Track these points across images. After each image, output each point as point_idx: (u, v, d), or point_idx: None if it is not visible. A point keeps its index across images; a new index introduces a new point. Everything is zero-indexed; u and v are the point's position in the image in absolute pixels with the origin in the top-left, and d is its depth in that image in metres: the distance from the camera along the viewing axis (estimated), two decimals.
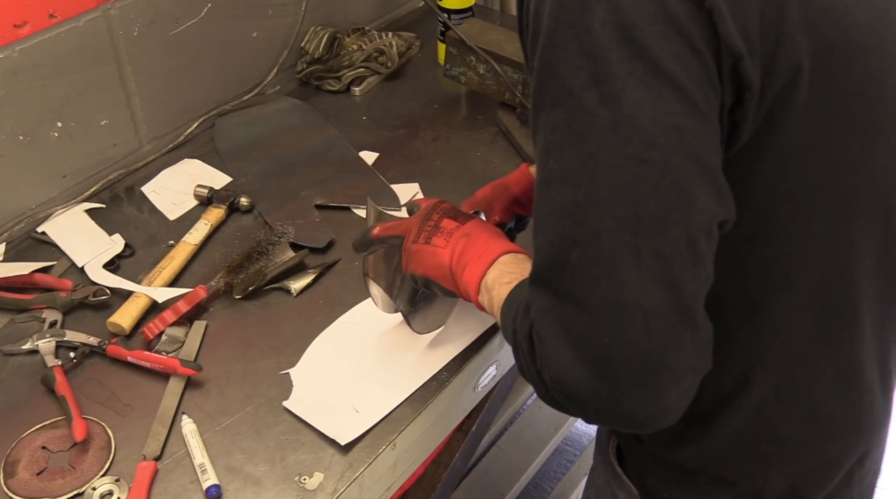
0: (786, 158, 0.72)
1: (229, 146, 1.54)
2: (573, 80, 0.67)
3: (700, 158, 0.66)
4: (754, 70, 0.67)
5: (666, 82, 0.65)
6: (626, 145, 0.65)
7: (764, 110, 0.69)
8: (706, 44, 0.66)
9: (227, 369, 1.13)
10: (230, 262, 1.26)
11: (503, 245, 0.91)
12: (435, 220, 0.95)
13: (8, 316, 1.21)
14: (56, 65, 1.29)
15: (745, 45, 0.66)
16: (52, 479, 1.00)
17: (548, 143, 0.70)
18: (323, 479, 0.99)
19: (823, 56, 0.70)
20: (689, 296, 0.66)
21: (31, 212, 1.36)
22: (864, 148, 0.75)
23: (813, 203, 0.75)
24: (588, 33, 0.66)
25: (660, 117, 0.65)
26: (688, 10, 0.65)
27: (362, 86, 1.69)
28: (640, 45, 0.65)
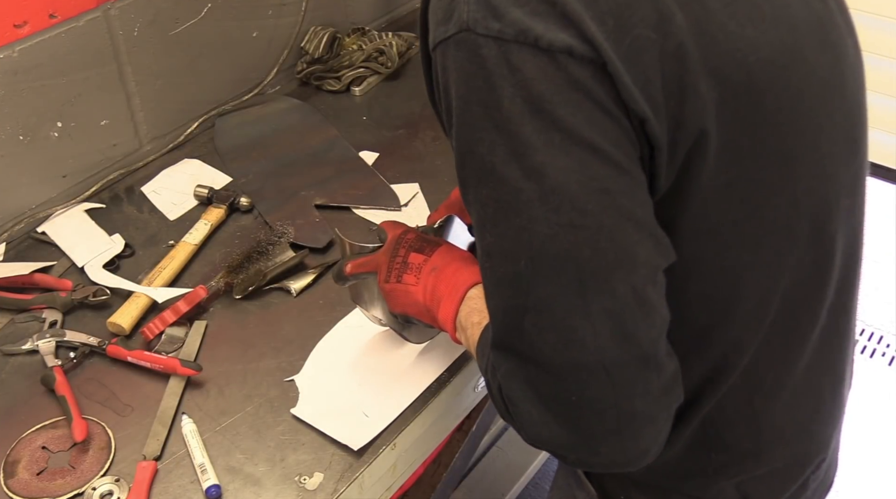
0: (705, 198, 0.73)
1: (229, 146, 1.54)
2: (493, 158, 0.67)
3: (632, 214, 0.67)
4: (661, 129, 0.68)
5: (585, 148, 0.66)
6: (558, 214, 0.66)
7: (677, 163, 0.70)
8: (615, 104, 0.66)
9: (227, 369, 1.13)
10: (230, 262, 1.26)
11: (470, 277, 0.90)
12: (402, 255, 0.95)
13: (8, 316, 1.21)
14: (56, 65, 1.29)
15: (648, 106, 0.67)
16: (52, 479, 1.00)
17: (481, 218, 0.71)
18: (323, 479, 0.99)
19: (730, 101, 0.70)
20: (646, 344, 0.67)
21: (31, 212, 1.36)
22: (782, 176, 0.76)
23: (738, 235, 0.76)
24: (499, 110, 0.66)
25: (585, 183, 0.66)
26: (592, 75, 0.65)
27: (362, 86, 1.69)
28: (552, 115, 0.65)
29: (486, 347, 0.80)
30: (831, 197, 0.81)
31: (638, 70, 0.66)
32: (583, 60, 0.65)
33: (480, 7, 0.66)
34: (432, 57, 0.73)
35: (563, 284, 0.66)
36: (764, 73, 0.73)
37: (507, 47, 0.65)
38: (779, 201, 0.77)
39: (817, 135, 0.78)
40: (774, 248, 0.78)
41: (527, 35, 0.65)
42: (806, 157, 0.77)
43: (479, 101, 0.67)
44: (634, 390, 0.67)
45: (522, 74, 0.65)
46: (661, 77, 0.67)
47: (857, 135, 0.84)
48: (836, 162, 0.81)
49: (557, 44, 0.65)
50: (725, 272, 0.77)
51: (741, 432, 0.85)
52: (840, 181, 0.82)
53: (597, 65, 0.65)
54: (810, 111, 0.77)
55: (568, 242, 0.66)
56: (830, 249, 0.83)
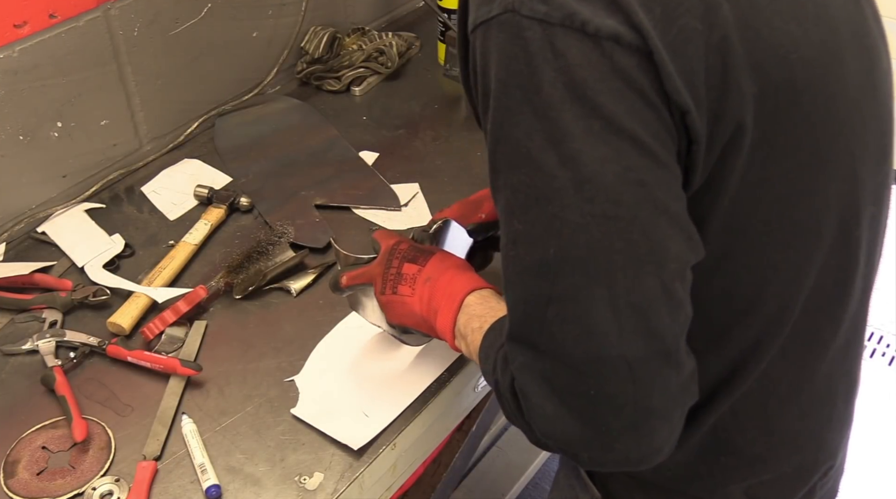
0: (738, 196, 0.72)
1: (229, 146, 1.54)
2: (529, 143, 0.66)
3: (666, 208, 0.66)
4: (701, 122, 0.67)
5: (624, 138, 0.65)
6: (591, 204, 0.65)
7: (713, 158, 0.69)
8: (658, 95, 0.65)
9: (227, 369, 1.13)
10: (230, 262, 1.26)
11: (466, 284, 0.89)
12: (396, 266, 0.94)
13: (8, 316, 1.21)
14: (56, 65, 1.29)
15: (691, 98, 0.66)
16: (52, 479, 1.00)
17: (510, 204, 0.69)
18: (323, 479, 0.99)
19: (769, 97, 0.70)
20: (670, 341, 0.67)
21: (31, 212, 1.36)
22: (815, 177, 0.76)
23: (767, 235, 0.75)
24: (538, 94, 0.65)
25: (622, 173, 0.65)
26: (637, 64, 0.64)
27: (362, 86, 1.69)
28: (593, 102, 0.64)
29: (493, 348, 0.79)
30: (860, 203, 0.80)
31: (683, 61, 0.65)
32: (629, 48, 0.64)
33: None
34: (470, 39, 0.71)
35: (592, 274, 0.65)
36: (804, 71, 0.72)
37: (553, 31, 0.64)
38: (810, 203, 0.76)
39: (850, 139, 0.77)
40: (802, 249, 0.77)
41: (573, 19, 0.64)
42: (838, 160, 0.77)
43: (518, 85, 0.66)
44: (654, 386, 0.67)
45: (566, 59, 0.64)
46: (705, 69, 0.66)
47: (885, 142, 0.83)
48: (865, 168, 0.80)
49: (605, 30, 0.64)
50: (751, 271, 0.76)
51: (753, 437, 0.84)
52: (868, 188, 0.81)
53: (643, 53, 0.64)
54: (845, 114, 0.76)
55: (600, 233, 0.65)
56: (855, 255, 0.82)
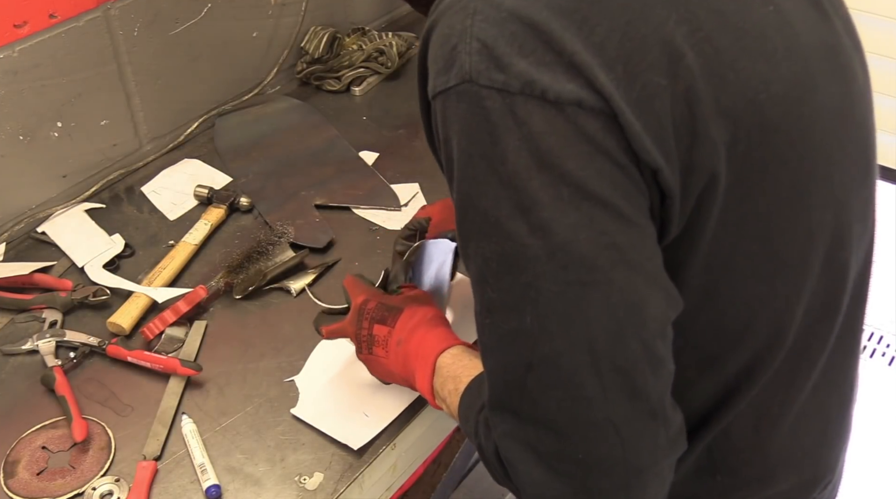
0: (717, 237, 0.71)
1: (229, 146, 1.54)
2: (497, 212, 0.65)
3: (642, 268, 0.65)
4: (673, 177, 0.66)
5: (594, 203, 0.63)
6: (566, 271, 0.64)
7: (689, 207, 0.68)
8: (626, 155, 0.64)
9: (227, 369, 1.13)
10: (230, 262, 1.26)
11: (436, 344, 0.88)
12: (367, 328, 0.94)
13: (8, 316, 1.21)
14: (56, 65, 1.29)
15: (661, 155, 0.65)
16: (52, 479, 1.00)
17: (482, 272, 0.68)
18: (323, 479, 0.99)
19: (741, 141, 0.69)
20: (654, 400, 0.66)
21: (31, 212, 1.36)
22: (795, 209, 0.75)
23: (752, 270, 0.74)
24: (504, 164, 0.64)
25: (594, 238, 0.64)
26: (602, 127, 0.63)
27: (362, 86, 1.69)
28: (560, 169, 0.63)
29: (471, 410, 0.79)
30: (844, 224, 0.79)
31: (649, 118, 0.64)
32: (592, 112, 0.63)
33: (483, 58, 0.64)
34: (431, 105, 0.70)
35: (572, 340, 0.64)
36: (776, 109, 0.71)
37: (513, 100, 0.63)
38: (792, 234, 0.75)
39: (829, 165, 0.76)
40: (790, 280, 0.77)
41: (533, 87, 0.63)
42: (819, 188, 0.76)
43: (482, 155, 0.65)
44: (642, 445, 0.66)
45: (529, 128, 0.63)
46: (672, 123, 0.65)
47: (867, 159, 0.82)
48: (847, 190, 0.79)
49: (566, 96, 0.62)
50: (738, 306, 0.76)
51: (747, 458, 0.84)
52: (852, 208, 0.80)
53: (607, 115, 0.63)
54: (822, 142, 0.75)
55: (577, 299, 0.64)
56: (843, 275, 0.82)
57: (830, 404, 0.89)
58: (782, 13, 0.73)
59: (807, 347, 0.82)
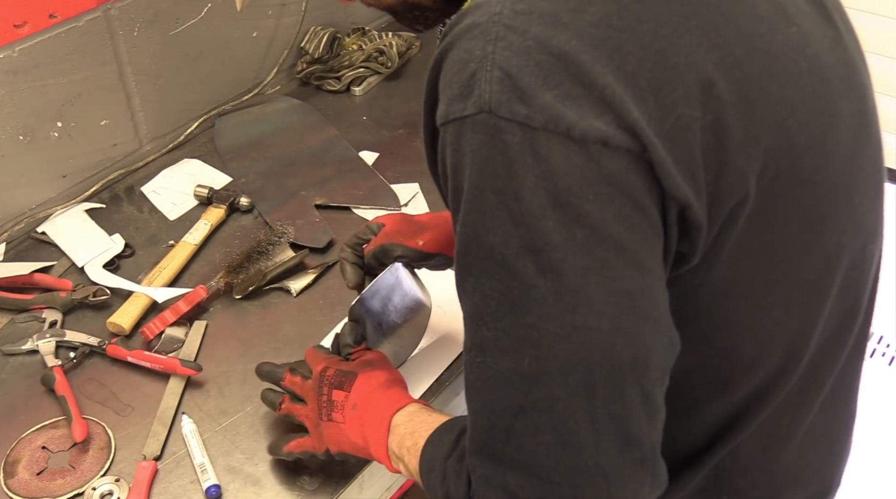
0: (736, 263, 0.69)
1: (229, 146, 1.54)
2: (505, 250, 0.62)
3: (650, 316, 0.63)
4: (702, 211, 0.64)
5: (609, 247, 0.61)
6: (573, 315, 0.61)
7: (712, 237, 0.67)
8: (650, 195, 0.61)
9: (227, 369, 1.13)
10: (230, 262, 1.26)
11: (390, 407, 0.87)
12: (326, 393, 0.92)
13: (8, 316, 1.21)
14: (56, 65, 1.29)
15: (692, 190, 0.62)
16: (52, 479, 1.00)
17: (478, 310, 0.65)
18: (323, 479, 0.99)
19: (769, 168, 0.67)
20: (647, 448, 0.65)
21: (31, 212, 1.36)
22: (816, 234, 0.73)
23: (769, 296, 0.73)
24: (518, 201, 0.61)
25: (605, 284, 0.61)
26: (627, 166, 0.60)
27: (362, 86, 1.69)
28: (577, 210, 0.60)
29: (436, 460, 0.77)
30: (860, 247, 0.79)
31: (681, 151, 0.61)
32: (619, 151, 0.60)
33: (505, 88, 0.60)
34: (440, 132, 0.66)
35: (571, 386, 0.62)
36: (801, 134, 0.69)
37: (535, 135, 0.59)
38: (812, 260, 0.74)
39: (849, 188, 0.75)
40: (807, 304, 0.75)
41: (557, 123, 0.59)
42: (839, 211, 0.75)
43: (494, 189, 0.61)
44: (627, 493, 0.65)
45: (549, 165, 0.60)
46: (702, 155, 0.62)
47: (879, 179, 0.81)
48: (864, 211, 0.78)
49: (592, 134, 0.59)
50: (754, 332, 0.74)
51: (755, 478, 0.83)
52: (867, 229, 0.79)
53: (634, 154, 0.60)
54: (843, 166, 0.74)
55: (580, 343, 0.62)
56: (858, 296, 0.81)
57: (840, 424, 0.88)
58: (804, 35, 0.71)
59: (818, 367, 0.81)
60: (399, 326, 1.04)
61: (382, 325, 1.02)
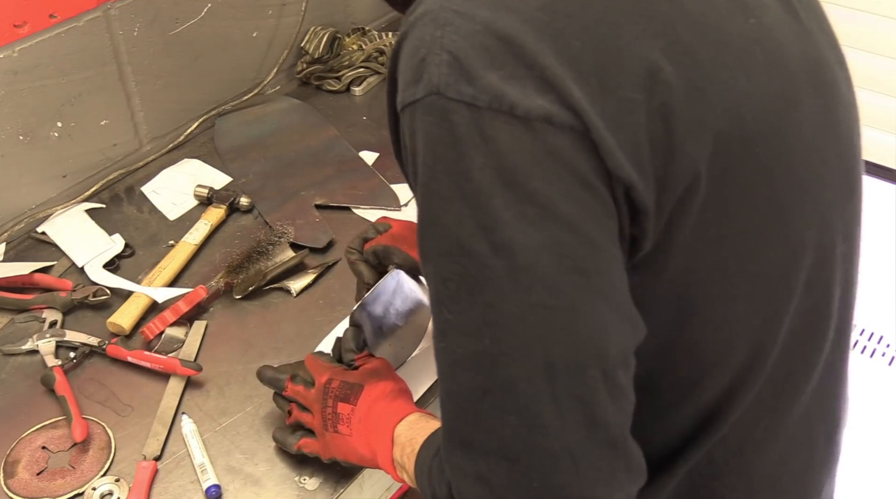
0: (693, 252, 0.69)
1: (229, 146, 1.54)
2: (459, 231, 0.62)
3: (607, 295, 0.63)
4: (648, 193, 0.64)
5: (560, 224, 0.61)
6: (528, 294, 0.61)
7: (663, 222, 0.66)
8: (596, 175, 0.62)
9: (227, 369, 1.13)
10: (230, 262, 1.26)
11: (393, 417, 0.87)
12: (331, 405, 0.92)
13: (8, 316, 1.21)
14: (56, 65, 1.29)
15: (636, 171, 0.62)
16: (52, 479, 1.00)
17: (440, 294, 0.65)
18: (323, 479, 0.99)
19: (721, 155, 0.67)
20: (614, 430, 0.64)
21: (31, 212, 1.36)
22: (777, 228, 0.73)
23: (730, 288, 0.72)
24: (468, 181, 0.61)
25: (558, 261, 0.61)
26: (571, 144, 0.61)
27: (362, 86, 1.69)
28: (525, 188, 0.61)
29: (425, 461, 0.78)
30: (827, 244, 0.78)
31: (624, 133, 0.62)
32: (563, 128, 0.60)
33: (453, 70, 0.61)
34: (400, 118, 0.67)
35: (530, 366, 0.62)
36: (757, 124, 0.69)
37: (480, 114, 0.61)
38: (774, 253, 0.73)
39: (813, 182, 0.75)
40: (771, 300, 0.75)
41: (501, 102, 0.60)
42: (801, 206, 0.74)
43: (446, 170, 0.62)
44: (599, 477, 0.64)
45: (496, 144, 0.61)
46: (648, 139, 0.63)
47: (852, 178, 0.81)
48: (832, 207, 0.78)
49: (535, 111, 0.60)
50: (718, 326, 0.74)
51: (732, 483, 0.81)
52: (836, 228, 0.79)
53: (577, 132, 0.61)
54: (806, 159, 0.74)
55: (537, 323, 0.62)
56: (827, 296, 0.80)
57: (820, 432, 0.87)
58: (764, 26, 0.71)
59: (791, 371, 0.80)
60: (399, 328, 1.04)
61: (383, 327, 1.02)
